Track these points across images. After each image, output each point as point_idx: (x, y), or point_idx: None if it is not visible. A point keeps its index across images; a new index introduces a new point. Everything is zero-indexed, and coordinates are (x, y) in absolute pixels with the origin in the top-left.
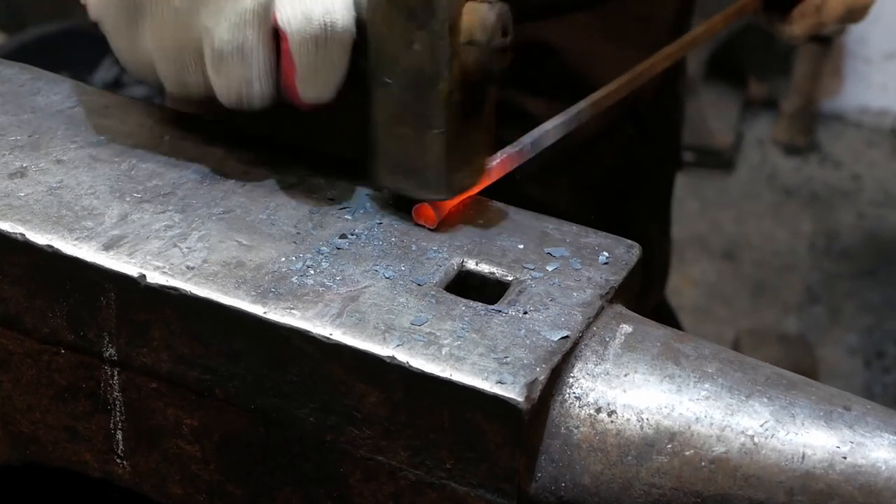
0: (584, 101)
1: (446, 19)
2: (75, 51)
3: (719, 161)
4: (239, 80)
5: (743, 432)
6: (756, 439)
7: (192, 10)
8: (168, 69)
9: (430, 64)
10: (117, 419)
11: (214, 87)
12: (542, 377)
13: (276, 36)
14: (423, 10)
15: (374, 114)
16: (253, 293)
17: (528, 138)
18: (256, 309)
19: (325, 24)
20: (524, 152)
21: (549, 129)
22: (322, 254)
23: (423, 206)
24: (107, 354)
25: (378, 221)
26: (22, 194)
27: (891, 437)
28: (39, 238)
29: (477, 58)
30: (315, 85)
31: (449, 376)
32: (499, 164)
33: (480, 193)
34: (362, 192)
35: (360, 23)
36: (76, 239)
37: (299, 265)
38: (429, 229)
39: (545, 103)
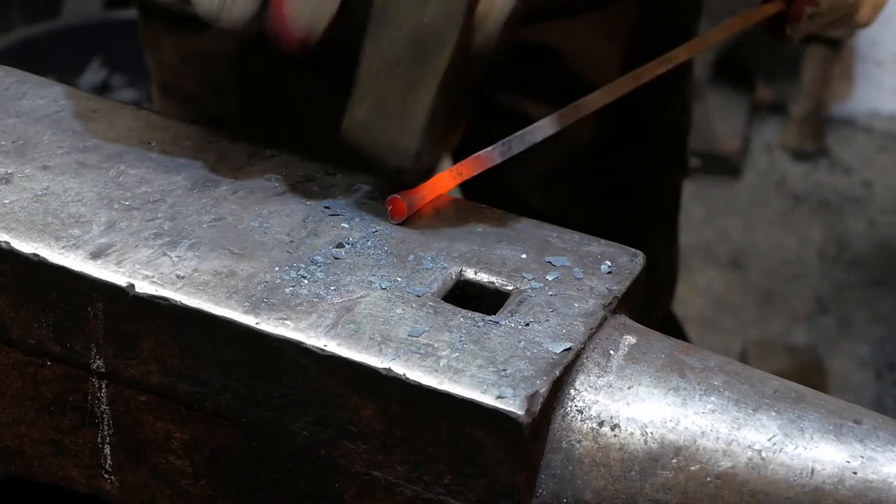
0: (578, 101)
1: None
2: (62, 53)
3: (726, 167)
4: None
5: (750, 447)
6: (764, 454)
7: None
8: None
9: (437, 34)
10: (105, 433)
11: None
12: (544, 390)
13: None
14: None
15: (362, 64)
16: (245, 303)
17: (513, 136)
18: (248, 319)
19: None
20: (508, 149)
21: (537, 128)
22: (316, 263)
23: (395, 199)
24: (94, 366)
25: (374, 229)
26: (7, 201)
27: None
28: (25, 246)
29: (483, 44)
30: (306, 13)
31: (447, 389)
32: (479, 159)
33: (463, 190)
34: (358, 200)
35: None
36: (63, 247)
37: (293, 275)
38: (425, 237)
39: (547, 107)
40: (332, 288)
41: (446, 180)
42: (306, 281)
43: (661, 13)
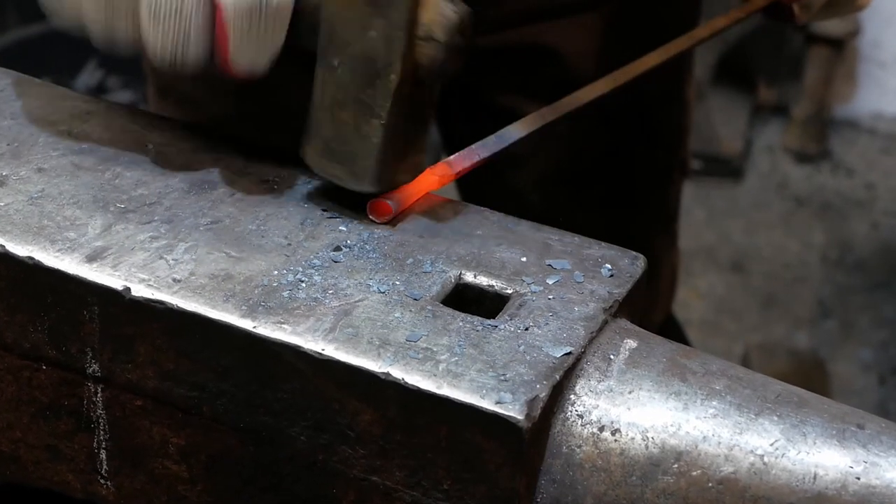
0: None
1: (406, 10)
2: (57, 55)
3: (727, 169)
4: (174, 37)
5: (752, 452)
6: (766, 459)
7: None
8: (98, 16)
9: (383, 53)
10: (101, 438)
11: (146, 42)
12: (544, 394)
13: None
14: None
15: (315, 94)
16: (242, 307)
17: (494, 138)
18: (246, 323)
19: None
20: (489, 148)
21: (519, 126)
22: (314, 266)
23: (378, 201)
24: (90, 371)
25: (372, 233)
26: (1, 204)
27: None
28: (20, 250)
29: (432, 55)
30: (246, 56)
31: (446, 394)
32: (462, 159)
33: (464, 194)
34: (356, 203)
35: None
36: (58, 251)
37: (290, 278)
38: (424, 240)
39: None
40: (329, 291)
41: (432, 180)
42: (304, 284)
43: (661, 14)
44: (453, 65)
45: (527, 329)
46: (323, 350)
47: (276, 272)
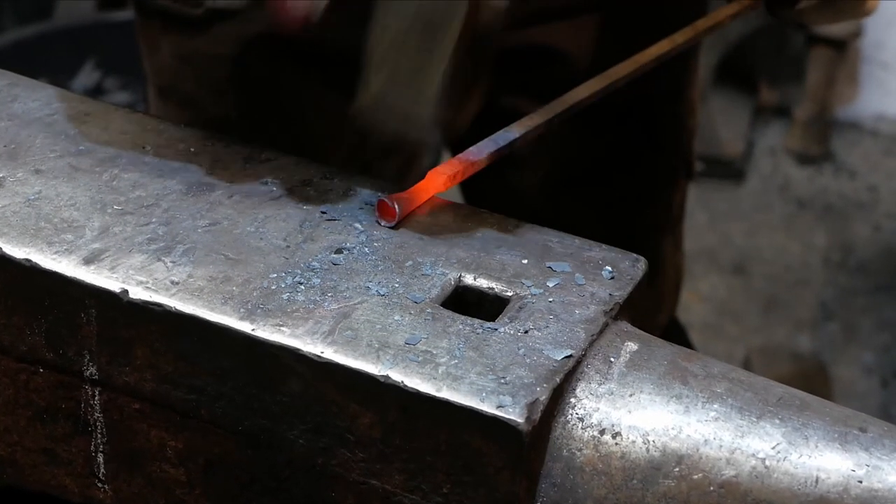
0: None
1: None
2: (55, 55)
3: (729, 171)
4: None
5: (754, 455)
6: (767, 462)
7: None
8: None
9: (446, 8)
10: (98, 441)
11: None
12: (544, 397)
13: None
14: None
15: (374, 36)
16: (241, 309)
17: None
18: (244, 326)
19: None
20: (497, 144)
21: (521, 127)
22: (313, 269)
23: (384, 203)
24: (87, 374)
25: (371, 235)
26: None
27: None
28: (17, 252)
29: (491, 17)
30: None
31: (446, 397)
32: (469, 156)
33: (465, 196)
34: (355, 205)
35: None
36: (55, 252)
37: (289, 280)
38: (424, 242)
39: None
40: (329, 294)
41: (438, 181)
42: (303, 287)
43: (665, 14)
44: (509, 29)
45: (527, 332)
46: (322, 353)
47: (274, 274)
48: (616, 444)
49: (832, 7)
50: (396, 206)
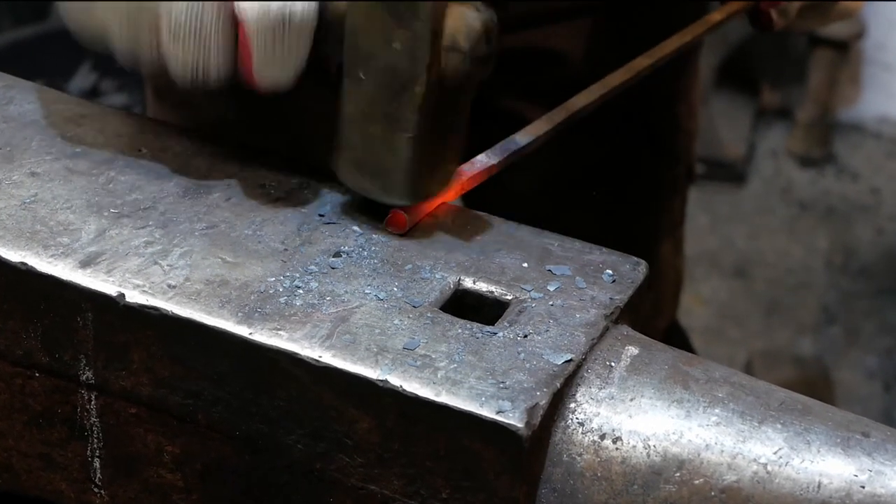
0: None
1: (429, 21)
2: (51, 57)
3: (731, 173)
4: (195, 53)
5: (755, 460)
6: (769, 467)
7: None
8: (121, 30)
9: (408, 65)
10: (95, 446)
11: (168, 58)
12: (544, 402)
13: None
14: (406, 9)
15: (343, 107)
16: (238, 313)
17: (504, 144)
18: (241, 330)
19: (283, 15)
20: (505, 151)
21: (528, 134)
22: (311, 272)
23: (395, 212)
24: (84, 378)
25: (370, 238)
26: None
27: None
28: (12, 255)
29: (457, 65)
30: (272, 70)
31: (445, 401)
32: (476, 173)
33: (465, 199)
34: (354, 208)
35: (322, 10)
36: (51, 256)
37: (287, 284)
38: (423, 245)
39: (546, 112)
40: (327, 298)
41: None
42: (301, 290)
43: (664, 17)
44: (480, 73)
45: (526, 336)
46: (320, 357)
47: (272, 278)
48: (616, 448)
49: (815, 11)
50: (406, 216)
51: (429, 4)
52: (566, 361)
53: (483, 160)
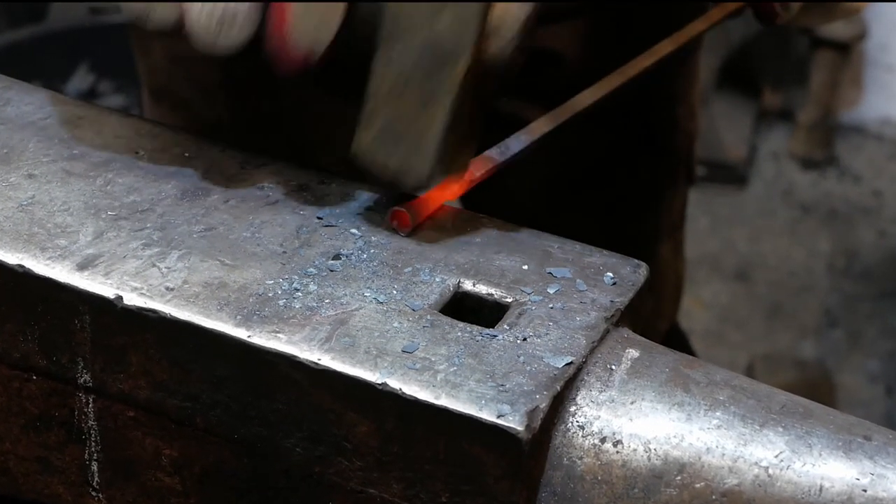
0: (573, 101)
1: (481, 1)
2: (48, 59)
3: (732, 176)
4: (221, 11)
5: (757, 463)
6: (771, 471)
7: None
8: None
9: (452, 43)
10: (92, 449)
11: (187, 15)
12: (544, 405)
13: None
14: None
15: (372, 82)
16: (237, 316)
17: (507, 144)
18: (240, 332)
19: None
20: (506, 149)
21: (530, 133)
22: (310, 275)
23: (399, 211)
24: (81, 381)
25: (369, 240)
26: None
27: None
28: (9, 257)
29: (496, 51)
30: (309, 28)
31: (444, 404)
32: (477, 173)
33: (464, 200)
34: (353, 210)
35: None
36: (49, 258)
37: (286, 286)
38: (422, 247)
39: (546, 113)
40: (326, 300)
41: (451, 188)
42: (300, 293)
43: (664, 17)
44: (515, 63)
45: (526, 338)
46: (319, 360)
47: (271, 281)
48: (617, 452)
49: (819, 8)
50: (410, 214)
51: None
52: (566, 364)
53: (483, 160)
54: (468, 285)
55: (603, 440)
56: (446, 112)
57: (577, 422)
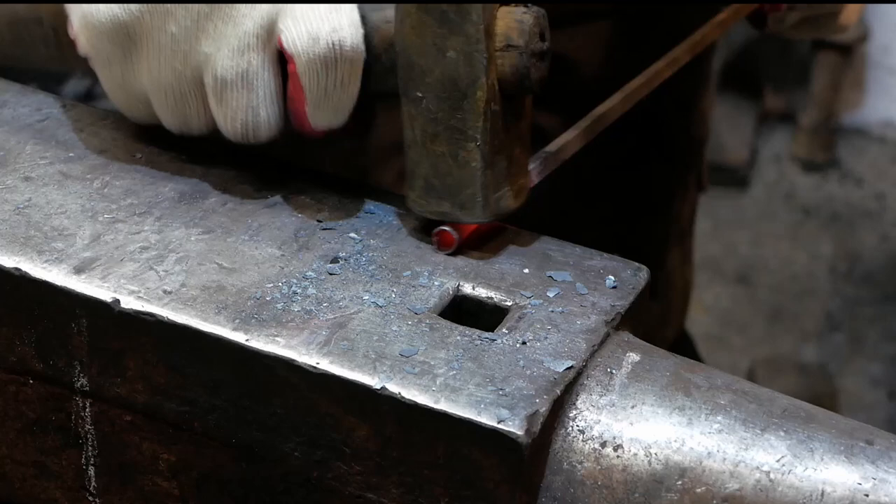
0: (596, 110)
1: (481, 22)
2: None
3: (733, 178)
4: (244, 109)
5: (758, 468)
6: (772, 475)
7: (190, 36)
8: (166, 103)
9: (465, 71)
10: (89, 454)
11: (217, 119)
12: (544, 409)
13: (282, 60)
14: (456, 14)
15: (406, 132)
16: (234, 319)
17: (543, 154)
18: (238, 336)
19: (332, 44)
20: (543, 168)
21: (565, 144)
22: (308, 278)
23: (443, 231)
24: (78, 385)
25: (368, 244)
26: None
27: None
28: (6, 261)
29: (515, 63)
30: (326, 110)
31: (443, 409)
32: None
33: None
34: (352, 213)
35: (368, 41)
36: (45, 261)
37: (284, 290)
38: (421, 251)
39: (559, 118)
40: (324, 304)
41: None
42: (298, 297)
43: (674, 21)
44: (539, 71)
45: (526, 342)
46: (317, 364)
47: (269, 284)
48: (618, 456)
49: (811, 23)
50: (455, 234)
51: (478, 5)
52: (567, 368)
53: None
54: (467, 289)
55: (603, 444)
56: (478, 146)
57: (578, 426)
